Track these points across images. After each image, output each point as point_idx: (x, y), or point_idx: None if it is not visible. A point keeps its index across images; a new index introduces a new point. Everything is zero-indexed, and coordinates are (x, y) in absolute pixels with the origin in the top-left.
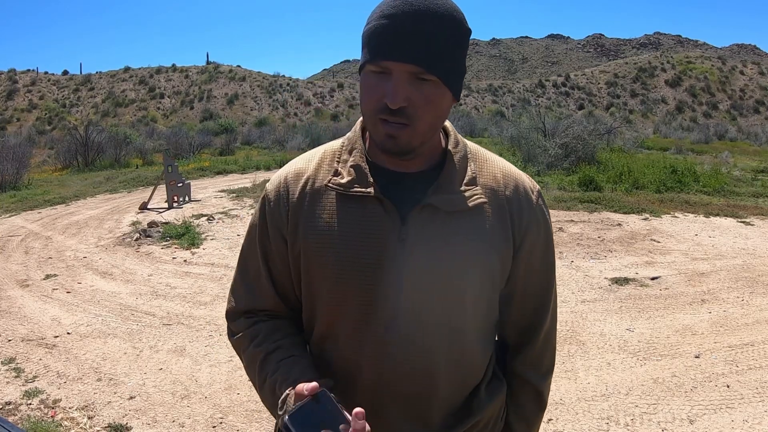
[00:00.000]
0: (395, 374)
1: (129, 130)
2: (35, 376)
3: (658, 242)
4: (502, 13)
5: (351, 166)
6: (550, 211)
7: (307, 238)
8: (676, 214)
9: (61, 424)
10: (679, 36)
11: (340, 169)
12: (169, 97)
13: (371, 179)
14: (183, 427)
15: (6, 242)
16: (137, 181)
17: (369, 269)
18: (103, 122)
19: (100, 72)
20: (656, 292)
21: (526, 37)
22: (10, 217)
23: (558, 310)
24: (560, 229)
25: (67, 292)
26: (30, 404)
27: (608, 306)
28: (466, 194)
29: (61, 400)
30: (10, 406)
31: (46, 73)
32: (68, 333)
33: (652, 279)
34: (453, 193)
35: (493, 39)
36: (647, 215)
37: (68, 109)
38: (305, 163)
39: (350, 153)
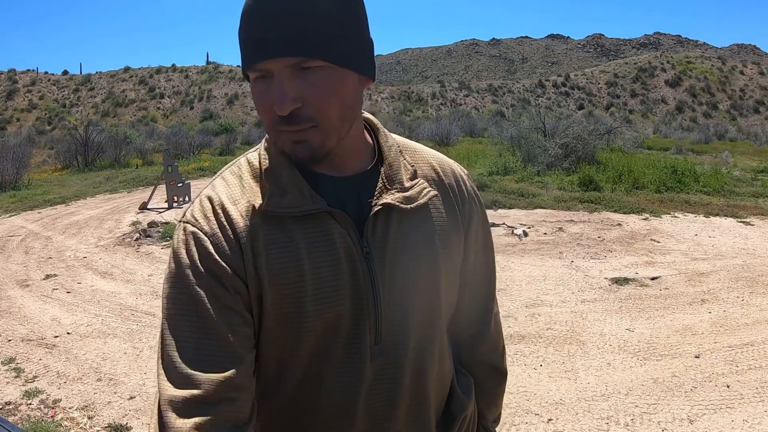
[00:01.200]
0: (392, 397)
1: (129, 130)
2: (35, 376)
3: (658, 242)
4: (502, 13)
5: (285, 181)
6: (550, 210)
7: (270, 276)
8: (676, 214)
9: (61, 424)
10: (679, 36)
11: (270, 187)
12: (169, 97)
13: (313, 192)
14: None
15: (6, 242)
16: (137, 181)
17: (343, 296)
18: (103, 122)
19: (100, 72)
20: (656, 292)
21: (526, 37)
22: (10, 217)
23: (558, 309)
24: (560, 229)
25: (67, 292)
26: (30, 404)
27: (608, 306)
28: (416, 189)
29: (61, 400)
30: (10, 406)
31: (46, 73)
32: (68, 333)
33: (652, 279)
34: (402, 190)
35: (493, 39)
36: (647, 215)
37: (68, 109)
38: (229, 187)
39: (275, 166)
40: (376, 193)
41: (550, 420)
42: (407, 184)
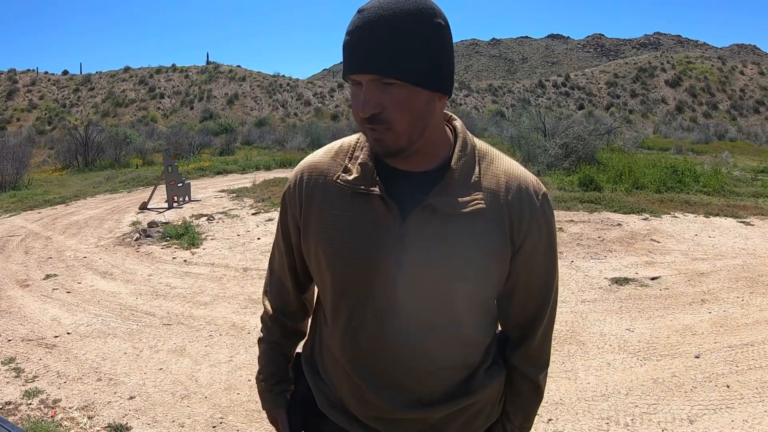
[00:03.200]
0: (389, 359)
1: (129, 130)
2: (35, 376)
3: (658, 242)
4: (502, 13)
5: (359, 164)
6: None
7: (315, 228)
8: (676, 214)
9: (61, 424)
10: (679, 36)
11: (349, 165)
12: (169, 97)
13: (376, 178)
14: (183, 427)
15: (6, 242)
16: (137, 181)
17: (368, 261)
18: (103, 122)
19: (100, 72)
20: (656, 292)
21: (526, 37)
22: (10, 217)
23: (558, 310)
24: (560, 229)
25: (67, 292)
26: (30, 404)
27: (608, 306)
28: (466, 198)
29: (61, 400)
30: (10, 406)
31: (46, 73)
32: (68, 333)
33: (652, 279)
34: (453, 196)
35: (493, 39)
36: (647, 215)
37: (68, 109)
38: (323, 155)
39: (362, 150)
40: (431, 193)
41: (550, 420)
42: (461, 192)
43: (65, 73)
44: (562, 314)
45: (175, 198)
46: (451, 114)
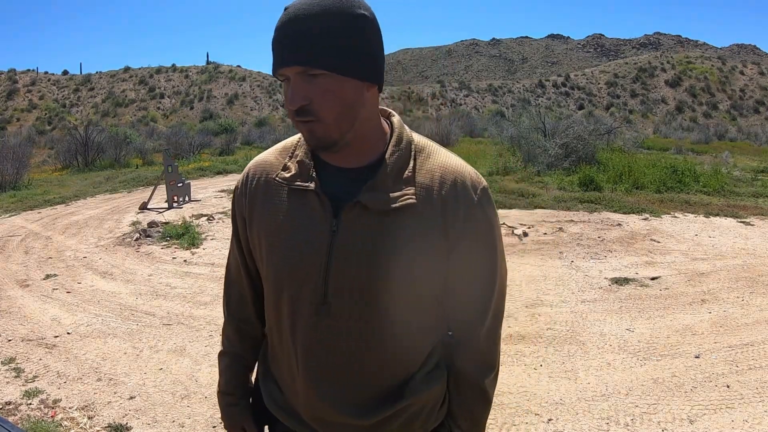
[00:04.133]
0: (323, 356)
1: (129, 130)
2: (35, 376)
3: (658, 242)
4: (502, 13)
5: (297, 161)
6: (550, 211)
7: (257, 225)
8: (676, 214)
9: (61, 424)
10: (679, 36)
11: (289, 163)
12: (169, 97)
13: (312, 174)
14: (183, 427)
15: (6, 242)
16: (137, 181)
17: (303, 258)
18: (103, 122)
19: (100, 72)
20: (656, 292)
21: (526, 37)
22: (10, 217)
23: (558, 309)
24: (560, 229)
25: (67, 292)
26: (30, 404)
27: (608, 306)
28: (397, 194)
29: (61, 400)
30: (10, 406)
31: (46, 73)
32: (68, 333)
33: (652, 279)
34: (384, 192)
35: (493, 39)
36: (647, 215)
37: (68, 109)
38: (269, 154)
39: (302, 148)
40: (363, 189)
41: (550, 420)
42: (392, 188)
43: (65, 73)
44: (562, 314)
45: (175, 198)
46: (390, 110)
